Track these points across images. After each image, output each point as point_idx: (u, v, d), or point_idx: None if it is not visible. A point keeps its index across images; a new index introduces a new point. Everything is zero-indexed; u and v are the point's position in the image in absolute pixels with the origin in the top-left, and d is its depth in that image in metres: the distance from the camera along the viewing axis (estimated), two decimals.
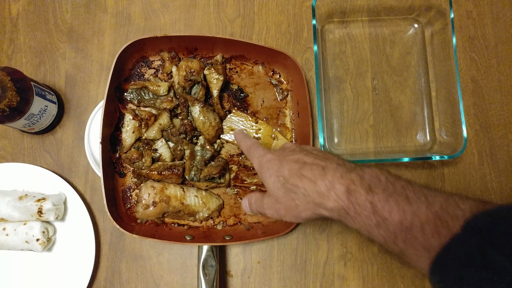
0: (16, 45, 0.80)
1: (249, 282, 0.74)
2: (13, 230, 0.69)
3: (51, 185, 0.73)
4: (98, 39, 0.81)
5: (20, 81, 0.66)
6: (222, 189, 0.76)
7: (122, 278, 0.74)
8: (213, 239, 0.71)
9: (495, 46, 0.82)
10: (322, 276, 0.75)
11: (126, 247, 0.75)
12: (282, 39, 0.82)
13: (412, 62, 0.80)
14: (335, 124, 0.79)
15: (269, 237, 0.68)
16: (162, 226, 0.73)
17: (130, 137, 0.71)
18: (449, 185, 0.78)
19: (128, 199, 0.74)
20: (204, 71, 0.73)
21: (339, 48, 0.80)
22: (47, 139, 0.78)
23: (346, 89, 0.79)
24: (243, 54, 0.77)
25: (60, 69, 0.80)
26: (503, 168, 0.78)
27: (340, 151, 0.78)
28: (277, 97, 0.79)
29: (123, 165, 0.74)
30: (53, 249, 0.73)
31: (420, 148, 0.78)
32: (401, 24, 0.81)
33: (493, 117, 0.80)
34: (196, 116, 0.72)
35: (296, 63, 0.72)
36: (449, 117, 0.73)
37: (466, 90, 0.80)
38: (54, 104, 0.75)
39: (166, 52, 0.75)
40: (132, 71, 0.76)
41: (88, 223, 0.72)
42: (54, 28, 0.81)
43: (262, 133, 0.75)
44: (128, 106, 0.75)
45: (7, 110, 0.63)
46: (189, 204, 0.71)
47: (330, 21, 0.81)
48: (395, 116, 0.79)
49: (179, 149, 0.73)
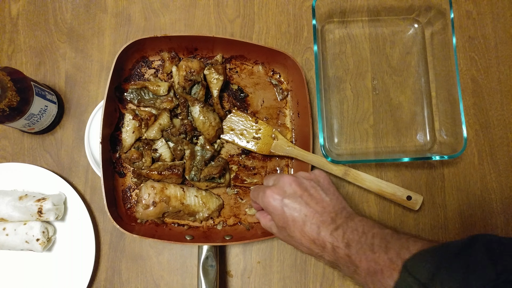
0: (16, 45, 0.80)
1: (249, 282, 0.74)
2: (13, 230, 0.69)
3: (51, 185, 0.73)
4: (98, 39, 0.81)
5: (20, 81, 0.66)
6: (222, 189, 0.76)
7: (122, 278, 0.74)
8: (213, 239, 0.71)
9: (495, 46, 0.82)
10: (322, 276, 0.75)
11: (126, 247, 0.75)
12: (282, 39, 0.82)
13: (412, 62, 0.80)
14: (335, 124, 0.79)
15: (269, 237, 0.68)
16: (162, 226, 0.73)
17: (130, 137, 0.71)
18: (449, 185, 0.78)
19: (128, 199, 0.74)
20: (204, 71, 0.73)
21: (339, 48, 0.80)
22: (47, 139, 0.78)
23: (346, 89, 0.79)
24: (243, 54, 0.77)
25: (60, 69, 0.80)
26: (503, 168, 0.78)
27: (340, 151, 0.78)
28: (277, 97, 0.79)
29: (123, 165, 0.74)
30: (53, 249, 0.73)
31: (420, 148, 0.78)
32: (401, 24, 0.81)
33: (493, 117, 0.80)
34: (196, 116, 0.72)
35: (296, 63, 0.72)
36: (449, 117, 0.73)
37: (466, 90, 0.80)
38: (54, 104, 0.75)
39: (166, 52, 0.75)
40: (132, 71, 0.76)
41: (88, 223, 0.72)
42: (54, 28, 0.81)
43: (262, 133, 0.75)
44: (128, 106, 0.75)
45: (7, 110, 0.63)
46: (189, 204, 0.71)
47: (330, 21, 0.81)
48: (395, 116, 0.79)
49: (179, 149, 0.73)
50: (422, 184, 0.78)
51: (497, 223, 0.77)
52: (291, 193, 0.57)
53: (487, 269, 0.39)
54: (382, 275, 0.48)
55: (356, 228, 0.53)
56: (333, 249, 0.53)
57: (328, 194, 0.58)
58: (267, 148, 0.75)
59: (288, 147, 0.74)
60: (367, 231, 0.53)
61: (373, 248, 0.50)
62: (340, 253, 0.53)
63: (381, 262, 0.49)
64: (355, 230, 0.53)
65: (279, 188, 0.58)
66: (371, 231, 0.53)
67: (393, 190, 0.71)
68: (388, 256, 0.48)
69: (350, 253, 0.52)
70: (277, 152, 0.74)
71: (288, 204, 0.56)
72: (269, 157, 0.77)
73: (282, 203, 0.56)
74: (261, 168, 0.77)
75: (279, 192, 0.57)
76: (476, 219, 0.77)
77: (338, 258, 0.53)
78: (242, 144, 0.76)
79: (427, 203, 0.77)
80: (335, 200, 0.58)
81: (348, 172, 0.71)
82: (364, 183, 0.71)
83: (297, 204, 0.56)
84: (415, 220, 0.77)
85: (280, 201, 0.57)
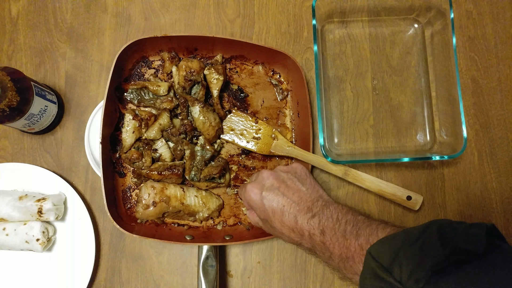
0: (16, 45, 0.80)
1: (249, 282, 0.74)
2: (13, 230, 0.69)
3: (51, 185, 0.73)
4: (98, 39, 0.81)
5: (20, 81, 0.65)
6: (222, 189, 0.76)
7: (122, 278, 0.74)
8: (213, 239, 0.71)
9: (495, 46, 0.82)
10: (322, 276, 0.75)
11: (126, 247, 0.75)
12: (282, 39, 0.82)
13: (412, 62, 0.80)
14: (335, 124, 0.79)
15: (269, 237, 0.68)
16: (162, 226, 0.73)
17: (130, 137, 0.71)
18: (449, 185, 0.78)
19: (128, 199, 0.74)
20: (204, 71, 0.73)
21: (339, 48, 0.80)
22: (47, 139, 0.78)
23: (346, 89, 0.79)
24: (243, 54, 0.77)
25: (60, 69, 0.80)
26: (503, 168, 0.78)
27: (340, 151, 0.78)
28: (277, 97, 0.79)
29: (123, 165, 0.74)
30: (53, 249, 0.73)
31: (420, 148, 0.78)
32: (401, 24, 0.81)
33: (493, 117, 0.80)
34: (196, 116, 0.72)
35: (296, 63, 0.72)
36: (449, 117, 0.73)
37: (466, 90, 0.80)
38: (54, 104, 0.75)
39: (166, 52, 0.75)
40: (132, 71, 0.76)
41: (88, 223, 0.72)
42: (54, 28, 0.81)
43: (262, 133, 0.75)
44: (128, 106, 0.75)
45: (7, 110, 0.63)
46: (189, 204, 0.71)
47: (330, 21, 0.81)
48: (395, 116, 0.79)
49: (179, 149, 0.73)
50: (422, 184, 0.78)
51: (497, 223, 0.77)
52: (269, 185, 0.60)
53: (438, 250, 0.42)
54: (353, 261, 0.51)
55: (331, 216, 0.56)
56: (310, 236, 0.56)
57: (305, 184, 0.61)
58: (267, 148, 0.75)
59: (288, 147, 0.74)
60: (340, 218, 0.55)
61: (345, 234, 0.53)
62: (316, 240, 0.55)
63: (352, 248, 0.52)
64: (330, 217, 0.56)
65: (258, 182, 0.62)
66: (345, 218, 0.55)
67: (393, 190, 0.71)
68: (358, 242, 0.51)
69: (325, 240, 0.54)
70: (277, 152, 0.74)
71: (267, 196, 0.60)
72: (269, 157, 0.77)
73: (261, 196, 0.60)
74: (261, 168, 0.77)
75: (258, 186, 0.61)
76: (476, 219, 0.77)
77: (315, 245, 0.56)
78: (242, 144, 0.76)
79: (427, 203, 0.77)
80: (311, 190, 0.61)
81: (348, 172, 0.71)
82: (364, 183, 0.71)
83: (275, 195, 0.59)
84: (415, 220, 0.77)
85: (259, 194, 0.60)
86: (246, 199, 0.63)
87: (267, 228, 0.63)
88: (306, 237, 0.57)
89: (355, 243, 0.51)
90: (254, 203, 0.61)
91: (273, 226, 0.60)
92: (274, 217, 0.59)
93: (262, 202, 0.60)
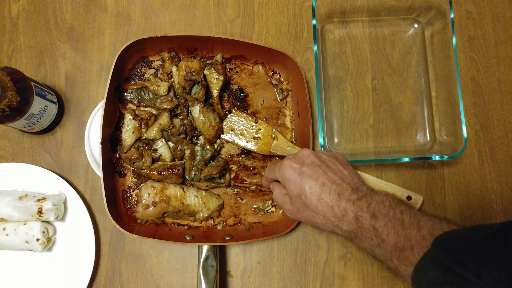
0: (16, 45, 0.80)
1: (249, 282, 0.75)
2: (13, 230, 0.69)
3: (51, 185, 0.73)
4: (98, 39, 0.81)
5: (20, 81, 0.66)
6: (222, 189, 0.76)
7: (122, 278, 0.74)
8: (213, 239, 0.71)
9: (495, 46, 0.82)
10: (322, 276, 0.75)
11: (126, 247, 0.75)
12: (282, 39, 0.82)
13: (412, 62, 0.80)
14: (335, 124, 0.79)
15: (269, 237, 0.68)
16: (162, 226, 0.73)
17: (130, 137, 0.71)
18: (449, 185, 0.78)
19: (128, 199, 0.74)
20: (204, 71, 0.73)
21: (339, 48, 0.80)
22: (47, 139, 0.78)
23: (346, 89, 0.79)
24: (243, 54, 0.77)
25: (60, 69, 0.80)
26: (503, 168, 0.78)
27: (340, 151, 0.78)
28: (277, 97, 0.79)
29: (123, 165, 0.74)
30: (53, 249, 0.73)
31: (420, 148, 0.78)
32: (401, 24, 0.81)
33: (493, 117, 0.80)
34: (196, 116, 0.72)
35: (296, 63, 0.72)
36: (449, 117, 0.73)
37: (466, 90, 0.80)
38: (54, 104, 0.75)
39: (166, 52, 0.75)
40: (132, 71, 0.76)
41: (88, 223, 0.72)
42: (54, 28, 0.81)
43: (262, 133, 0.75)
44: (128, 106, 0.75)
45: (7, 110, 0.63)
46: (189, 204, 0.71)
47: (330, 21, 0.81)
48: (395, 116, 0.79)
49: (179, 149, 0.73)
50: (422, 184, 0.78)
51: None
52: (309, 162, 0.58)
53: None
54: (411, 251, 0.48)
55: (382, 202, 0.53)
56: (356, 218, 0.53)
57: (347, 169, 0.59)
58: (267, 148, 0.75)
59: (288, 147, 0.74)
60: (394, 207, 0.52)
61: (403, 224, 0.50)
62: (365, 223, 0.52)
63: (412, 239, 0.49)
64: (380, 203, 0.53)
65: (298, 158, 0.59)
66: (399, 207, 0.52)
67: (393, 190, 0.71)
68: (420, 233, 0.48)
69: (376, 225, 0.51)
70: (277, 152, 0.74)
71: (306, 172, 0.57)
72: (269, 157, 0.77)
73: (300, 171, 0.57)
74: (261, 168, 0.77)
75: (298, 162, 0.59)
76: (476, 219, 0.77)
77: (361, 229, 0.53)
78: (242, 144, 0.76)
79: (427, 203, 0.77)
80: (353, 174, 0.58)
81: None
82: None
83: (315, 172, 0.56)
84: None
85: (298, 169, 0.57)
86: (281, 173, 0.59)
87: (295, 207, 0.59)
88: (351, 218, 0.53)
89: (417, 234, 0.49)
90: (290, 176, 0.58)
91: (306, 203, 0.56)
92: (311, 193, 0.55)
93: (301, 176, 0.56)
